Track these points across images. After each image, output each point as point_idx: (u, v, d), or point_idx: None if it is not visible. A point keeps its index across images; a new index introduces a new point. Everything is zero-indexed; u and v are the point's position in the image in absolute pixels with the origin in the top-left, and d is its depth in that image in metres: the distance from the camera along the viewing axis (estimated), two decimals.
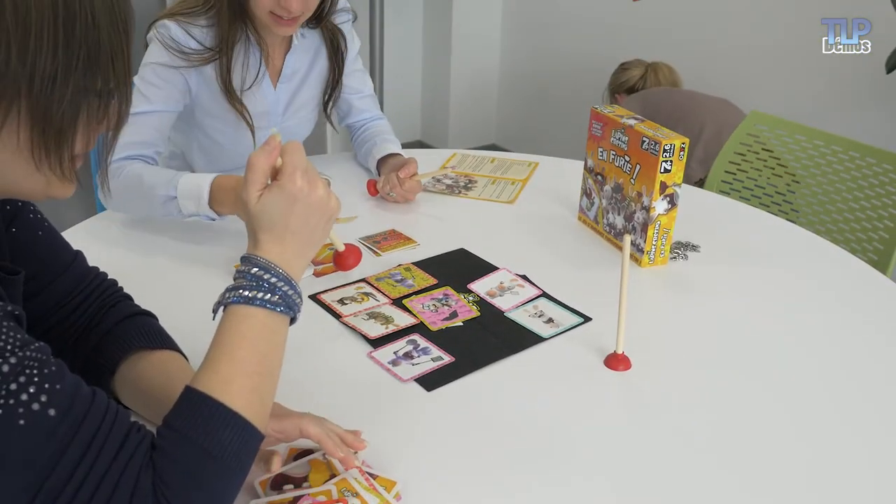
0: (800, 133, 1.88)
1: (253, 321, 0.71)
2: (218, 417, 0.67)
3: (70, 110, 0.64)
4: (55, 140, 0.64)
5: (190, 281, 1.21)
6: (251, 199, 0.75)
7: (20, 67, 0.60)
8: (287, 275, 0.74)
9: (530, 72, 3.69)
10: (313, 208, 0.76)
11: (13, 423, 0.59)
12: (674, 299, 1.23)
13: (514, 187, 1.60)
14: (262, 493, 0.79)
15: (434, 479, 0.83)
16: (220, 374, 0.69)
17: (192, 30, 1.37)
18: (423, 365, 1.01)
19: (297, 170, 0.75)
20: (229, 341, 0.71)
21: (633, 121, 1.31)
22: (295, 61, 1.52)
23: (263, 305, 0.71)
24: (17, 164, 0.65)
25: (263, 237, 0.75)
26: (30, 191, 0.68)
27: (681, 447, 0.89)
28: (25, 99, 0.62)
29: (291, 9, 1.31)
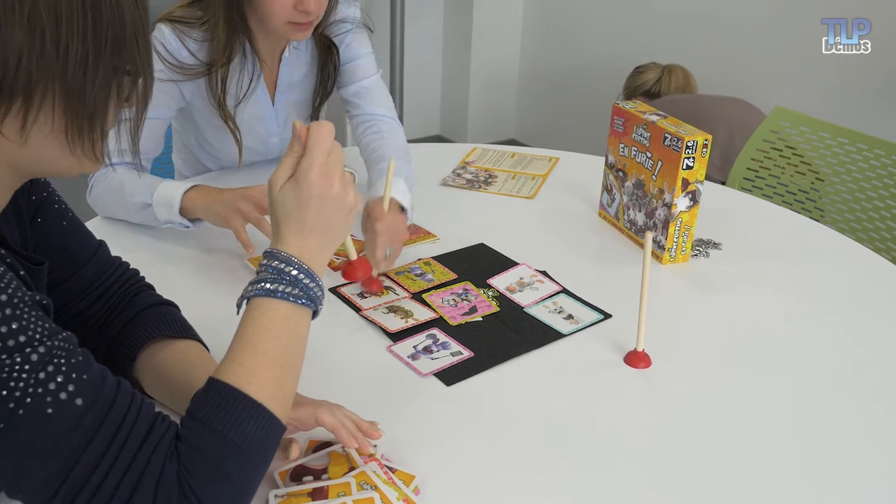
0: (824, 130, 1.86)
1: (276, 314, 0.72)
2: (242, 408, 0.68)
3: (101, 91, 0.66)
4: (88, 121, 0.66)
5: (205, 275, 1.21)
6: (274, 187, 0.75)
7: (54, 54, 0.62)
8: (308, 268, 0.74)
9: (550, 67, 3.67)
10: (329, 204, 0.75)
11: (41, 412, 0.60)
12: (695, 297, 1.22)
13: (535, 182, 1.60)
14: (282, 484, 0.79)
15: (452, 474, 0.82)
16: (244, 366, 0.70)
17: (188, 41, 1.35)
18: (442, 359, 1.01)
19: (313, 165, 0.74)
20: (253, 333, 0.71)
21: (655, 117, 1.30)
22: (290, 73, 1.49)
23: (286, 298, 0.72)
24: (51, 145, 0.66)
25: (284, 231, 0.75)
26: (62, 170, 0.70)
27: (702, 446, 0.89)
28: (60, 83, 0.63)
29: (310, 10, 1.29)
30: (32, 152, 0.66)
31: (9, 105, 0.63)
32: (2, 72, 0.61)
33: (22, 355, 0.60)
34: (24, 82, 0.62)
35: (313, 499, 0.77)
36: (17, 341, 0.60)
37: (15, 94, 0.62)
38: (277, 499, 0.77)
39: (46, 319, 0.63)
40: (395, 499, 0.77)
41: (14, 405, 0.59)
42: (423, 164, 1.66)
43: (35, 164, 0.68)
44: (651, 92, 2.59)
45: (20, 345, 0.60)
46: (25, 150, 0.66)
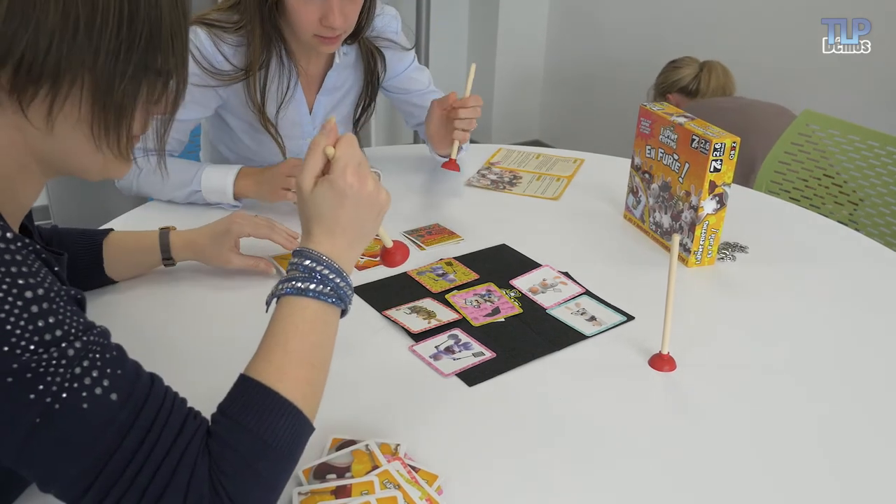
0: (853, 133, 1.84)
1: (306, 312, 0.73)
2: (274, 407, 0.68)
3: (131, 87, 0.66)
4: (115, 116, 0.66)
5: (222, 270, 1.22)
6: (306, 187, 0.76)
7: (86, 42, 0.62)
8: (339, 267, 0.75)
9: (575, 68, 3.66)
10: (363, 204, 0.77)
11: (77, 407, 0.60)
12: (721, 300, 1.21)
13: (560, 184, 1.59)
14: (306, 482, 0.79)
15: (475, 474, 0.82)
16: (274, 364, 0.70)
17: (223, 46, 1.36)
18: (464, 360, 1.01)
19: (348, 165, 0.76)
20: (283, 332, 0.72)
21: (682, 119, 1.29)
22: (337, 77, 1.51)
23: (316, 297, 0.73)
24: (76, 139, 0.67)
25: (315, 230, 0.76)
26: (88, 168, 0.70)
27: (726, 450, 0.88)
28: (89, 73, 0.64)
29: (335, 25, 1.30)
30: (58, 143, 0.67)
31: (36, 89, 0.63)
32: (32, 54, 0.61)
33: (59, 350, 0.60)
34: (53, 67, 0.62)
35: (336, 497, 0.77)
36: (54, 336, 0.60)
37: (43, 78, 0.62)
38: (301, 496, 0.77)
39: (81, 314, 0.64)
40: (418, 498, 0.77)
41: (51, 400, 0.59)
42: None
43: (61, 159, 0.69)
44: (689, 89, 2.48)
45: (57, 339, 0.60)
46: (51, 140, 0.66)
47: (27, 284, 0.59)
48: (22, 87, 0.62)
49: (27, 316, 0.59)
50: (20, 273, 0.59)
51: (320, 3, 1.29)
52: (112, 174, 0.72)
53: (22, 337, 0.58)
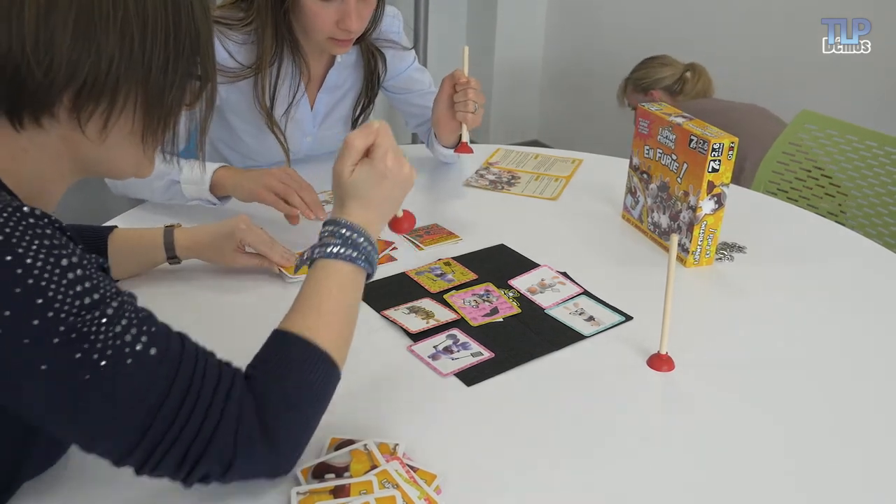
0: (851, 133, 1.84)
1: (339, 275, 0.80)
2: (310, 357, 0.75)
3: (178, 94, 0.71)
4: (164, 122, 0.71)
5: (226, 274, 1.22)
6: (345, 172, 0.84)
7: (140, 57, 0.67)
8: (370, 235, 0.83)
9: (574, 69, 3.66)
10: (398, 184, 0.86)
11: (122, 363, 0.64)
12: (719, 300, 1.21)
13: (558, 184, 1.59)
14: (304, 481, 0.79)
15: (473, 474, 0.82)
16: (309, 321, 0.77)
17: (228, 43, 1.36)
18: (462, 360, 1.01)
19: (388, 150, 0.85)
20: (317, 292, 0.79)
21: (681, 119, 1.29)
22: (338, 76, 1.52)
23: (349, 260, 0.80)
24: (126, 147, 0.72)
25: (351, 203, 0.84)
26: (125, 170, 0.75)
27: (725, 449, 0.88)
28: (142, 86, 0.68)
29: (352, 28, 1.31)
30: (107, 152, 0.71)
31: (95, 106, 0.67)
32: (94, 74, 0.65)
33: (99, 311, 0.63)
34: (113, 84, 0.66)
35: (335, 496, 0.77)
36: (93, 299, 0.63)
37: (103, 96, 0.66)
38: (299, 496, 0.77)
39: (111, 280, 0.68)
40: (417, 497, 0.77)
41: (97, 356, 0.63)
42: (447, 164, 1.66)
43: (103, 164, 0.73)
44: (673, 88, 2.50)
45: (95, 302, 0.63)
46: (102, 149, 0.70)
47: (62, 254, 0.63)
48: (82, 106, 0.66)
49: (66, 282, 0.62)
50: (53, 245, 0.63)
51: (338, 6, 1.30)
52: (142, 173, 0.76)
53: (64, 301, 0.61)
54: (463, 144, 1.47)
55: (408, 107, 1.65)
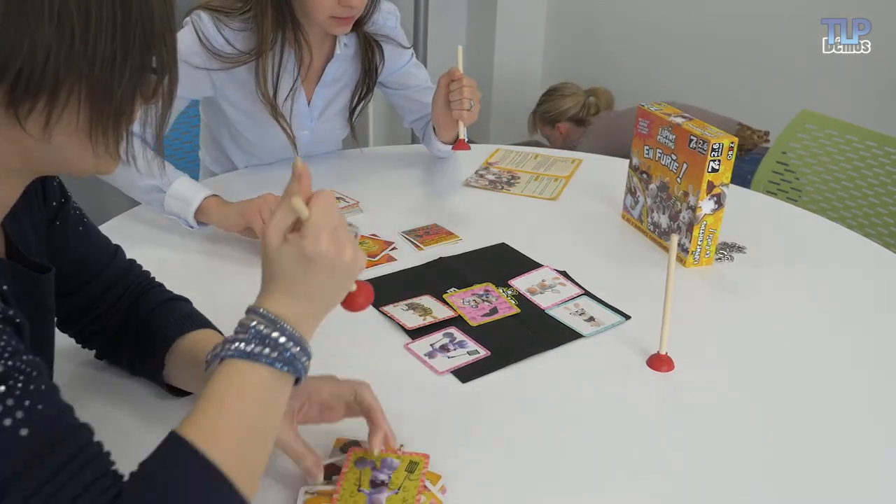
0: (851, 133, 1.84)
1: (252, 377, 0.65)
2: (197, 470, 0.60)
3: (128, 90, 0.64)
4: (113, 120, 0.65)
5: (223, 269, 1.22)
6: (273, 242, 0.67)
7: (83, 51, 0.60)
8: (296, 333, 0.66)
9: (573, 70, 3.66)
10: (337, 273, 0.68)
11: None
12: (718, 301, 1.21)
13: (558, 184, 1.59)
14: None
15: (476, 473, 0.82)
16: (205, 425, 0.63)
17: (225, 30, 1.36)
18: (458, 358, 1.01)
19: (322, 230, 0.66)
20: (222, 393, 0.64)
21: (680, 119, 1.29)
22: (336, 69, 1.51)
23: (267, 363, 0.65)
24: (73, 144, 0.65)
25: (275, 289, 0.67)
26: (81, 168, 0.68)
27: (724, 449, 0.88)
28: (86, 81, 0.62)
29: (353, 4, 1.31)
30: (54, 150, 0.65)
31: (34, 101, 0.61)
32: (29, 67, 0.59)
33: None
34: (52, 79, 0.60)
35: None
36: None
37: (41, 91, 0.61)
38: (307, 495, 0.77)
39: (15, 337, 0.60)
40: (424, 499, 0.77)
41: None
42: (446, 164, 1.66)
43: (53, 162, 0.67)
44: (578, 117, 2.64)
45: None
46: (48, 147, 0.64)
47: None
48: (19, 101, 0.61)
49: None
50: None
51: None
52: (103, 171, 0.70)
53: None
54: (460, 142, 1.46)
55: (405, 102, 1.65)
